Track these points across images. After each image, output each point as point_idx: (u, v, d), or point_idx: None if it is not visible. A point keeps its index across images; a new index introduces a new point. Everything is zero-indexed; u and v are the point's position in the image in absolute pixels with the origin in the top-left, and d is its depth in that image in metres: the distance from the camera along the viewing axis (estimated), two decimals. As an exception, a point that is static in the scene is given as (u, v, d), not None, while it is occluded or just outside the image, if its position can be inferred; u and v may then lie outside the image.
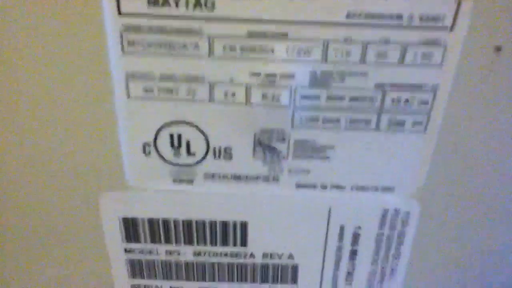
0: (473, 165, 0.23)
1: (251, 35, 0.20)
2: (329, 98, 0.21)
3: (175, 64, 0.21)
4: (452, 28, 0.20)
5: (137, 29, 0.20)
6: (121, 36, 0.20)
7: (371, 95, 0.21)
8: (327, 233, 0.25)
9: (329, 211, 0.25)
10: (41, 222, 0.25)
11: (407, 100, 0.22)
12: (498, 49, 0.20)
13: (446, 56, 0.20)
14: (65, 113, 0.22)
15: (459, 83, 0.21)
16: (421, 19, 0.20)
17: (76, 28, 0.20)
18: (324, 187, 0.24)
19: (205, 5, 0.19)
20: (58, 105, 0.22)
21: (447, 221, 0.25)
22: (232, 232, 0.25)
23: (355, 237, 0.25)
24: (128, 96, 0.21)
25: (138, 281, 0.27)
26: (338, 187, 0.24)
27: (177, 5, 0.19)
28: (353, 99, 0.21)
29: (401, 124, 0.22)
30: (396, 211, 0.25)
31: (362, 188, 0.24)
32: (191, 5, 0.19)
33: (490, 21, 0.20)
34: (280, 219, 0.25)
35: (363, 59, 0.21)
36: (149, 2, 0.19)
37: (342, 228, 0.25)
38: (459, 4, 0.19)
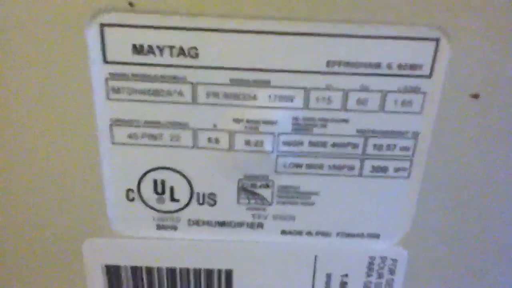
0: (458, 208, 0.23)
1: (233, 82, 0.20)
2: (312, 144, 0.22)
3: (159, 110, 0.21)
4: (430, 75, 0.20)
5: (122, 76, 0.20)
6: (107, 83, 0.20)
7: (353, 141, 0.22)
8: (313, 281, 0.25)
9: (315, 259, 0.24)
10: (23, 268, 0.25)
11: (389, 146, 0.22)
12: (475, 96, 0.21)
13: (426, 103, 0.21)
14: (49, 158, 0.22)
15: (439, 128, 0.21)
16: (399, 67, 0.20)
17: (62, 74, 0.20)
18: (309, 233, 0.24)
19: (189, 53, 0.20)
20: (42, 149, 0.22)
21: (437, 266, 0.25)
22: (216, 280, 0.25)
23: (342, 285, 0.25)
24: (112, 142, 0.22)
25: (121, 332, 0.27)
26: (324, 234, 0.24)
27: (161, 53, 0.20)
28: (335, 145, 0.22)
29: (384, 170, 0.22)
30: (383, 259, 0.24)
31: (348, 235, 0.24)
32: (175, 54, 0.20)
33: (467, 68, 0.20)
34: (265, 266, 0.24)
35: (344, 106, 0.21)
36: (134, 51, 0.20)
37: (328, 276, 0.25)
38: (436, 53, 0.20)
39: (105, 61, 0.20)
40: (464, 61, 0.20)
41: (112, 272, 0.25)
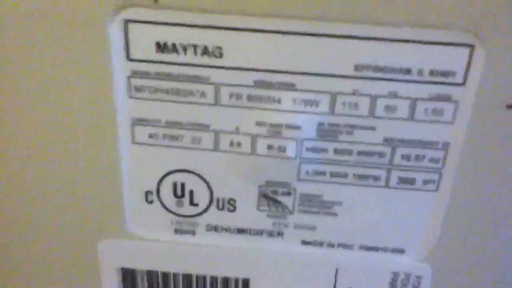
0: (486, 223, 0.22)
1: (258, 84, 0.20)
2: (337, 151, 0.21)
3: (181, 111, 0.21)
4: (463, 83, 0.19)
5: (144, 74, 0.20)
6: (129, 81, 0.20)
7: (380, 150, 0.21)
8: (333, 296, 0.24)
9: (336, 272, 0.23)
10: (39, 269, 0.25)
11: (417, 157, 0.21)
12: (510, 107, 0.20)
13: (458, 113, 0.20)
14: (68, 157, 0.22)
15: (471, 140, 0.20)
16: (431, 73, 0.19)
17: (84, 71, 0.20)
18: (331, 245, 0.23)
19: (213, 53, 0.20)
20: (61, 148, 0.22)
21: (461, 284, 0.23)
22: (233, 289, 0.24)
23: (364, 301, 0.24)
24: (133, 141, 0.21)
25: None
26: (346, 246, 0.23)
27: (185, 52, 0.20)
28: (361, 153, 0.21)
29: (411, 181, 0.21)
30: (407, 275, 0.23)
31: (371, 249, 0.23)
32: (199, 53, 0.20)
33: (503, 77, 0.19)
34: (283, 277, 0.24)
35: (371, 113, 0.20)
36: (157, 48, 0.20)
37: (349, 291, 0.24)
38: (470, 59, 0.19)
39: (128, 58, 0.20)
40: (499, 69, 0.19)
41: (128, 275, 0.24)
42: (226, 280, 0.24)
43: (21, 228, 0.24)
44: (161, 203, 0.23)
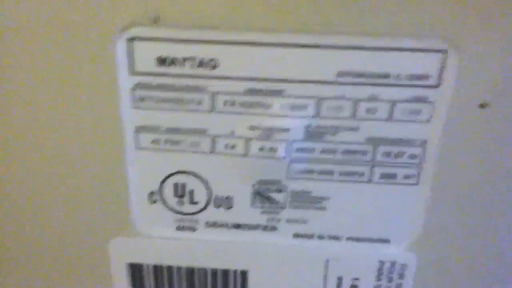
0: (467, 214, 0.24)
1: (249, 92, 0.22)
2: (323, 151, 0.23)
3: (180, 118, 0.23)
4: (438, 85, 0.21)
5: (147, 86, 0.22)
6: (132, 93, 0.22)
7: (362, 149, 0.23)
8: (325, 283, 0.26)
9: (327, 262, 0.25)
10: (51, 264, 0.27)
11: (398, 154, 0.23)
12: (483, 106, 0.22)
13: (434, 113, 0.22)
14: (78, 162, 0.24)
15: (447, 137, 0.22)
16: (408, 78, 0.21)
17: (93, 85, 0.22)
18: (321, 237, 0.25)
19: (208, 64, 0.21)
20: (72, 154, 0.23)
21: (446, 271, 0.25)
22: (232, 281, 0.26)
23: (353, 289, 0.26)
24: (137, 147, 0.23)
25: (142, 329, 0.28)
26: (335, 238, 0.25)
27: (183, 65, 0.21)
28: (345, 152, 0.23)
29: (393, 176, 0.23)
30: (392, 264, 0.25)
31: (358, 240, 0.25)
32: (195, 65, 0.21)
33: (475, 78, 0.21)
34: (279, 268, 0.26)
35: (354, 115, 0.22)
36: (158, 63, 0.22)
37: (340, 279, 0.26)
38: (443, 63, 0.21)
39: (132, 72, 0.22)
40: (471, 71, 0.21)
41: (136, 270, 0.26)
42: (225, 272, 0.26)
43: (34, 228, 0.26)
44: (164, 202, 0.24)
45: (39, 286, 0.27)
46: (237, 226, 0.25)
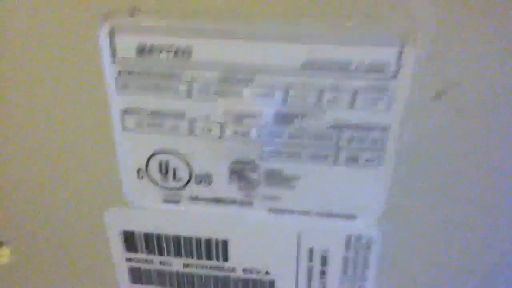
0: (430, 193, 0.26)
1: (222, 80, 0.24)
2: (290, 136, 0.25)
3: (161, 102, 0.25)
4: (395, 76, 0.23)
5: (129, 73, 0.24)
6: (116, 80, 0.24)
7: (327, 134, 0.24)
8: (298, 254, 0.28)
9: (299, 234, 0.27)
10: (51, 235, 0.30)
11: (360, 139, 0.24)
12: (438, 95, 0.23)
13: (393, 101, 0.23)
14: (71, 145, 0.26)
15: (407, 122, 0.24)
16: (367, 68, 0.23)
17: (80, 73, 0.24)
18: (292, 212, 0.27)
19: (183, 53, 0.23)
20: (66, 138, 0.26)
21: (409, 243, 0.27)
22: (214, 248, 0.29)
23: (324, 259, 0.28)
24: (123, 128, 0.26)
25: (138, 287, 0.31)
26: (305, 213, 0.27)
27: (160, 53, 0.23)
28: (311, 137, 0.25)
29: (357, 159, 0.25)
30: (359, 237, 0.27)
31: (327, 215, 0.27)
32: (172, 54, 0.23)
33: (431, 68, 0.22)
34: (256, 239, 0.28)
35: (318, 103, 0.24)
36: (138, 51, 0.24)
37: (311, 250, 0.28)
38: (400, 55, 0.22)
39: (115, 60, 0.24)
40: (428, 63, 0.22)
41: (129, 237, 0.29)
42: (208, 241, 0.29)
43: (37, 203, 0.29)
44: (150, 178, 0.27)
45: (42, 256, 0.31)
46: (217, 201, 0.27)
